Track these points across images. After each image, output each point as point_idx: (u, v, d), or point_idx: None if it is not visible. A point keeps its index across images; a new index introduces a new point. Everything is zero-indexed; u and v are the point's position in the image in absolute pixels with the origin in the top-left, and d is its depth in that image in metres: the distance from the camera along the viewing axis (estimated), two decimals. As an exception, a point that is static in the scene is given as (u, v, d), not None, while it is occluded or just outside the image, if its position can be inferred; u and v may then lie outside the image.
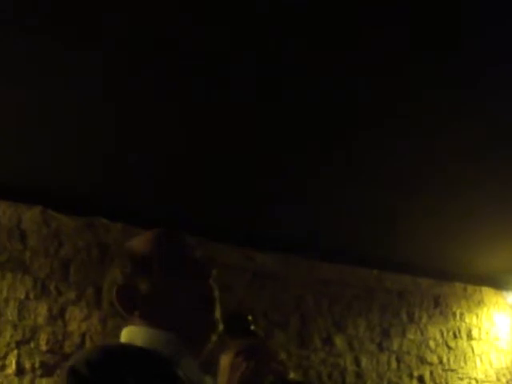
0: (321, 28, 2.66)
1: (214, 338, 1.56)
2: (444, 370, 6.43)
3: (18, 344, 4.12)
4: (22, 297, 4.20)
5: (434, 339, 6.45)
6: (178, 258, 1.57)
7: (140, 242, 1.62)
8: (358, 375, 5.74)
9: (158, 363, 1.44)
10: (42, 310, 4.24)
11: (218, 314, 1.56)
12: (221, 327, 1.56)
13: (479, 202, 4.72)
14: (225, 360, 1.48)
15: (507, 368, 6.85)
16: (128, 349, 1.49)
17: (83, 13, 2.55)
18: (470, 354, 6.70)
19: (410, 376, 6.14)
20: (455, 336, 6.65)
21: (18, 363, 4.09)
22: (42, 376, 4.13)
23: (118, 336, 4.03)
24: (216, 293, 1.59)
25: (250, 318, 2.48)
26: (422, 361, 6.28)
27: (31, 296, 4.23)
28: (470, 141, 3.79)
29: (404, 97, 3.31)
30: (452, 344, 6.59)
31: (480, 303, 7.01)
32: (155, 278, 1.54)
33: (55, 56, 2.84)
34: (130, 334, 1.55)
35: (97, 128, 3.55)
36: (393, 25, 2.64)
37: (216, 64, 2.91)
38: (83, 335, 4.35)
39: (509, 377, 6.82)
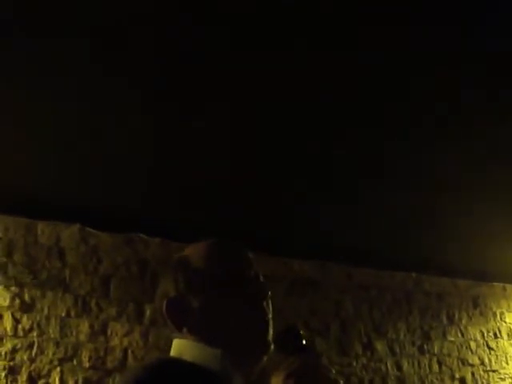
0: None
1: (264, 359, 1.53)
2: (485, 370, 6.37)
3: (61, 361, 4.12)
4: (63, 314, 4.21)
5: (475, 340, 6.40)
6: (234, 275, 1.50)
7: (195, 254, 1.55)
8: (400, 380, 5.70)
9: (209, 379, 1.40)
10: (83, 327, 4.25)
11: (270, 336, 1.53)
12: (272, 348, 1.52)
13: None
14: (276, 381, 1.45)
15: (549, 366, 6.78)
16: (178, 364, 1.45)
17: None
18: (511, 353, 6.64)
19: (452, 378, 6.08)
20: (496, 336, 6.59)
21: (62, 380, 4.09)
22: (85, 392, 4.14)
23: (159, 350, 4.05)
24: (270, 315, 1.54)
25: (302, 333, 2.46)
26: (464, 362, 6.23)
27: (72, 313, 4.24)
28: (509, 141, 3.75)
29: (441, 97, 3.26)
30: (493, 344, 6.53)
31: (520, 302, 6.95)
32: (208, 294, 1.48)
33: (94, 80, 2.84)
34: (180, 347, 1.49)
35: (135, 143, 3.54)
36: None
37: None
38: (125, 350, 4.35)
39: (550, 375, 6.75)
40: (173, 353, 1.49)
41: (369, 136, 3.63)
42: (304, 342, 1.91)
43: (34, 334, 4.09)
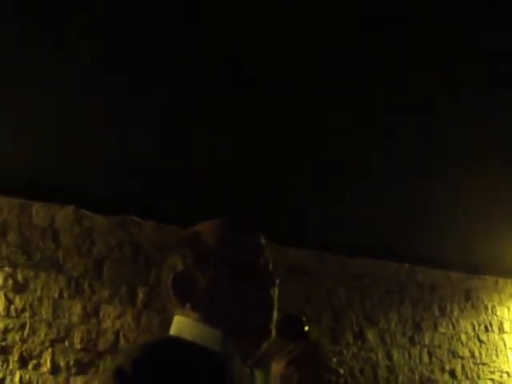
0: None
1: (264, 345, 1.52)
2: (476, 363, 6.40)
3: (53, 342, 4.13)
4: (56, 295, 4.21)
5: (466, 333, 6.42)
6: (245, 260, 1.46)
7: (208, 231, 1.49)
8: (390, 369, 5.73)
9: (208, 360, 1.40)
10: (75, 309, 4.25)
11: (272, 324, 1.52)
12: (273, 335, 1.51)
13: (510, 195, 4.68)
14: (276, 368, 1.45)
15: (539, 361, 6.81)
16: (178, 343, 1.44)
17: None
18: (501, 347, 6.67)
19: (442, 370, 6.11)
20: (487, 329, 6.62)
21: (53, 361, 4.10)
22: (76, 374, 4.14)
23: (151, 333, 4.05)
24: (275, 303, 1.53)
25: (303, 319, 2.46)
26: (454, 354, 6.26)
27: (65, 295, 4.24)
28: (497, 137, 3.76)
29: (443, 94, 3.27)
30: (483, 337, 6.55)
31: (511, 296, 6.97)
32: (216, 274, 1.43)
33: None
34: (180, 325, 1.46)
35: (130, 128, 3.53)
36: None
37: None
38: (117, 333, 4.36)
39: (541, 370, 6.77)
40: (173, 330, 1.47)
41: (364, 125, 3.63)
42: (306, 328, 1.91)
43: (27, 314, 4.09)
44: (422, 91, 3.20)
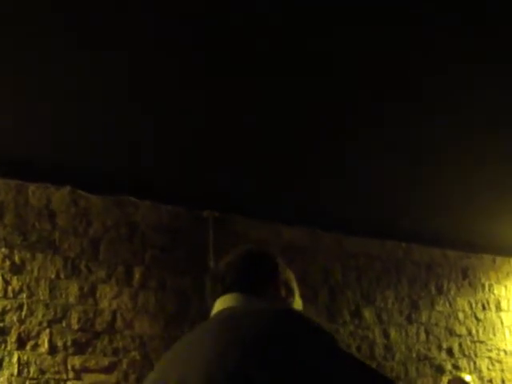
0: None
1: None
2: (473, 341, 6.42)
3: (50, 323, 4.14)
4: (53, 276, 4.22)
5: (463, 311, 6.44)
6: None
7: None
8: (387, 348, 5.75)
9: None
10: (72, 289, 4.26)
11: None
12: None
13: (508, 173, 4.68)
14: None
15: (536, 339, 6.83)
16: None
17: None
18: (498, 325, 6.69)
19: (439, 348, 6.14)
20: (484, 308, 6.64)
21: (51, 342, 4.11)
22: (74, 354, 4.16)
23: (148, 313, 4.06)
24: None
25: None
26: (451, 333, 6.28)
27: (62, 275, 4.25)
28: (495, 113, 3.75)
29: (433, 71, 3.27)
30: (481, 316, 6.57)
31: (509, 274, 6.98)
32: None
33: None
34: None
35: (124, 106, 3.53)
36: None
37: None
38: (114, 313, 4.37)
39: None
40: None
41: (357, 102, 3.63)
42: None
43: (24, 295, 4.10)
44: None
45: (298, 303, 1.82)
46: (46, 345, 4.09)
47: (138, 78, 3.25)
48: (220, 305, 1.66)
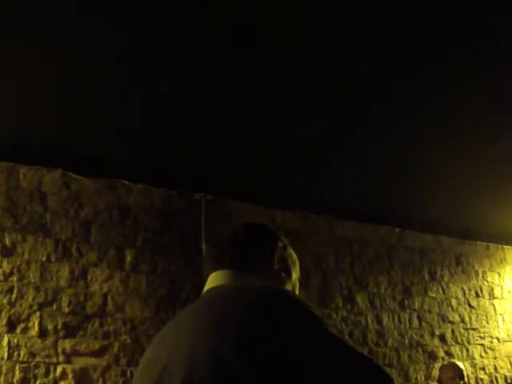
0: None
1: None
2: (466, 328, 6.43)
3: (41, 306, 4.13)
4: (44, 259, 4.20)
5: (456, 298, 6.45)
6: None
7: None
8: (380, 333, 5.75)
9: None
10: (63, 272, 4.24)
11: None
12: None
13: (502, 160, 4.67)
14: None
15: (529, 326, 6.85)
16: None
17: None
18: (491, 312, 6.70)
19: (432, 334, 6.14)
20: (477, 295, 6.65)
21: (41, 325, 4.10)
22: (64, 337, 4.14)
23: (139, 296, 4.03)
24: None
25: None
26: (444, 319, 6.29)
27: (53, 258, 4.23)
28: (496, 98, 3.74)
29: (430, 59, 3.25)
30: (474, 303, 6.58)
31: (502, 262, 6.99)
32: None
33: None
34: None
35: (117, 90, 3.51)
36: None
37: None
38: (105, 296, 4.35)
39: (531, 335, 6.82)
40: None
41: (355, 90, 3.61)
42: None
43: (14, 278, 4.07)
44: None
45: (292, 284, 1.81)
46: (37, 328, 4.08)
47: (128, 62, 3.23)
48: (209, 283, 1.66)
